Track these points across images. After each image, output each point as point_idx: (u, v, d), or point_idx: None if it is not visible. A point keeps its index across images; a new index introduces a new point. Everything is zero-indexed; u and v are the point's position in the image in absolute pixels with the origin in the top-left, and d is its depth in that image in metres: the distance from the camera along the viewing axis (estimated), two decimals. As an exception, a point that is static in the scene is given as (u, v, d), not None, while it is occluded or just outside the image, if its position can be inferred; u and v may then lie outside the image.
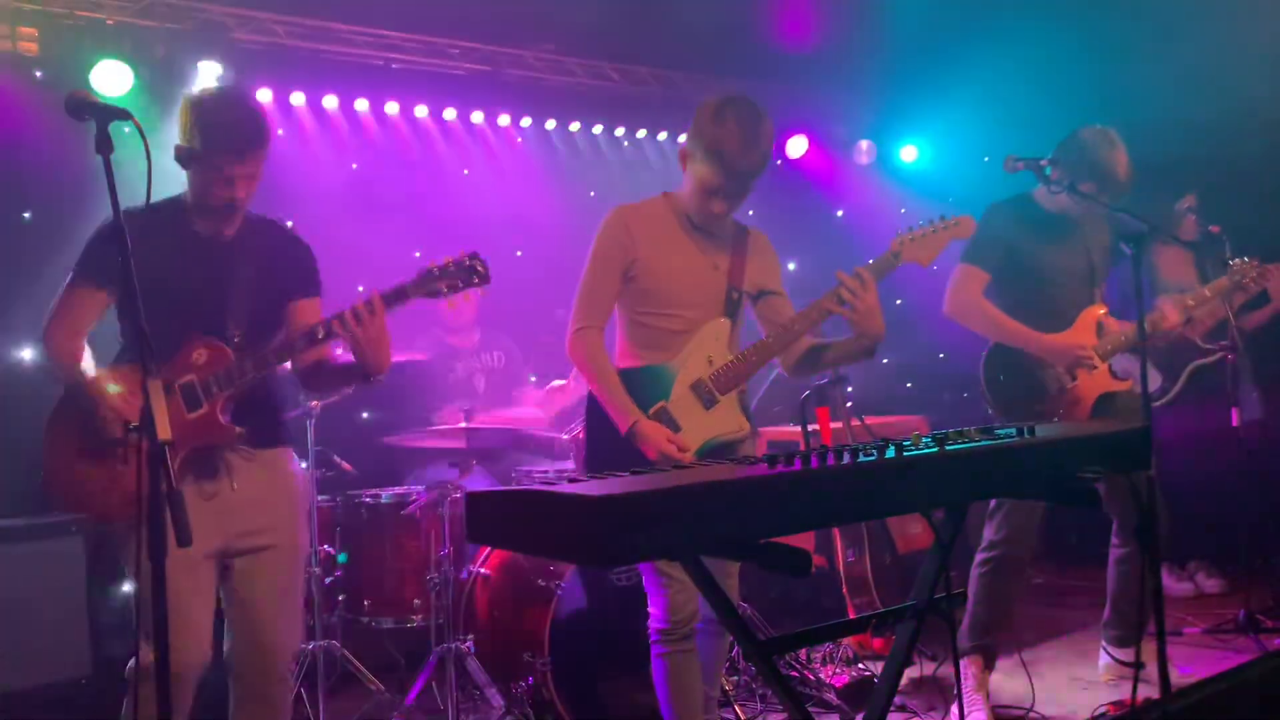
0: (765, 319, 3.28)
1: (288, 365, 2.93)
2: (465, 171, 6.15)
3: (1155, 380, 4.30)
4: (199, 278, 2.79)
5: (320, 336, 2.78)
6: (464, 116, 6.06)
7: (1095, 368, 3.84)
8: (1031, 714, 3.82)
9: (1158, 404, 4.50)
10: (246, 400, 2.81)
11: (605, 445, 3.08)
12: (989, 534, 3.90)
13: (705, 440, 3.07)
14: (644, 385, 3.08)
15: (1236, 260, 4.18)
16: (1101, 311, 3.96)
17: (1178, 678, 3.89)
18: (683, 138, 3.34)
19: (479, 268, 2.88)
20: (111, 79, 4.74)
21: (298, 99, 5.55)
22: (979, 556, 3.92)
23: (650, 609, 3.03)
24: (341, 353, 3.00)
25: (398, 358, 4.48)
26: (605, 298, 3.12)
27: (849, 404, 4.74)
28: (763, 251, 3.29)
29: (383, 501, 4.36)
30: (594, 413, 3.16)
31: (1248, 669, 2.60)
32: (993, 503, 3.91)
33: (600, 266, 3.12)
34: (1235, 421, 4.61)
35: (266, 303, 2.89)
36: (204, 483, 2.77)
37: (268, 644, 2.84)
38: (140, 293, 2.54)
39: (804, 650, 4.36)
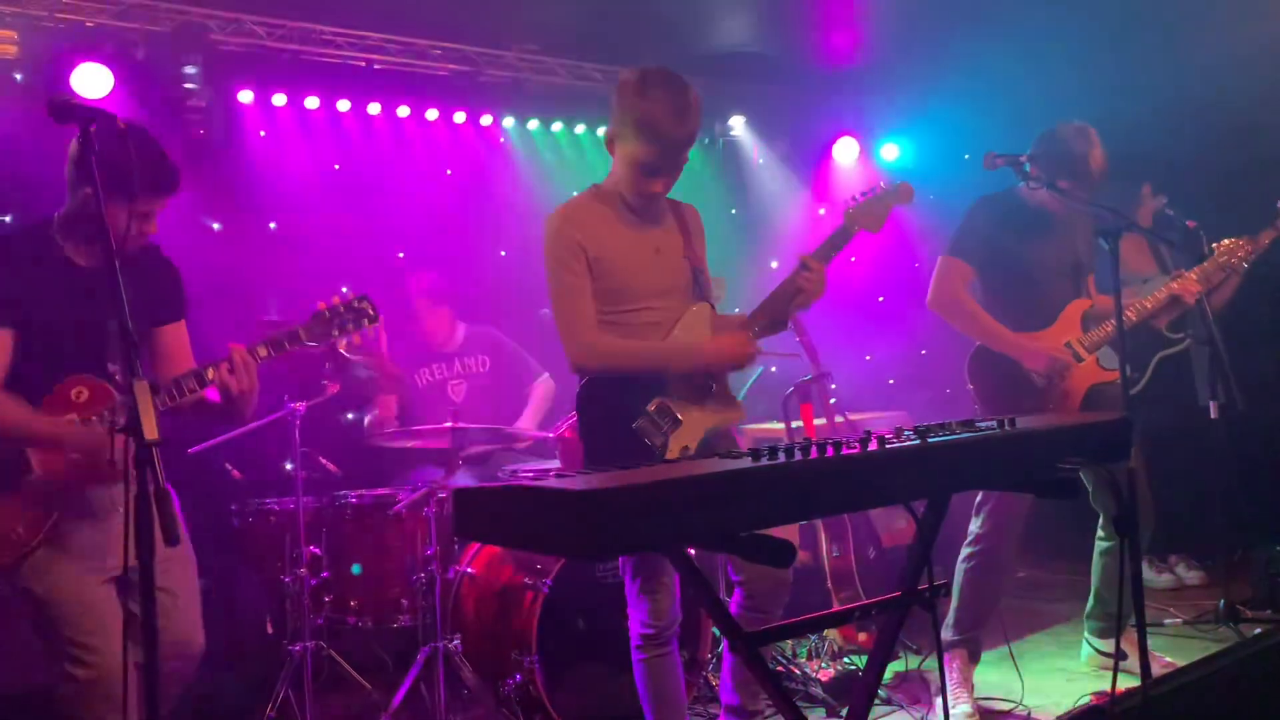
0: None
1: None
2: (448, 172, 6.15)
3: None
4: (78, 313, 2.73)
5: (210, 379, 2.76)
6: (446, 117, 6.06)
7: (1072, 365, 3.86)
8: (1018, 707, 3.86)
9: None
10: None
11: (603, 439, 3.04)
12: (975, 528, 3.93)
13: (707, 429, 3.04)
14: (635, 380, 3.00)
15: (1225, 240, 4.19)
16: (1088, 305, 3.98)
17: (1159, 667, 3.95)
18: (602, 130, 3.21)
19: (369, 310, 2.94)
20: (91, 81, 4.73)
21: (279, 100, 5.55)
22: (965, 551, 3.95)
23: (634, 614, 3.04)
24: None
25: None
26: (588, 302, 2.99)
27: (832, 400, 4.77)
28: (699, 228, 3.25)
29: (368, 502, 4.36)
30: (586, 409, 3.09)
31: (1224, 656, 2.65)
32: (979, 496, 3.94)
33: (568, 275, 2.98)
34: (1214, 414, 4.65)
35: (139, 334, 2.80)
36: (96, 502, 2.76)
37: (193, 638, 2.93)
38: (15, 324, 2.64)
39: (790, 645, 4.39)
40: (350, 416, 5.31)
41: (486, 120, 6.18)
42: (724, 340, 2.99)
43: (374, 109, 5.83)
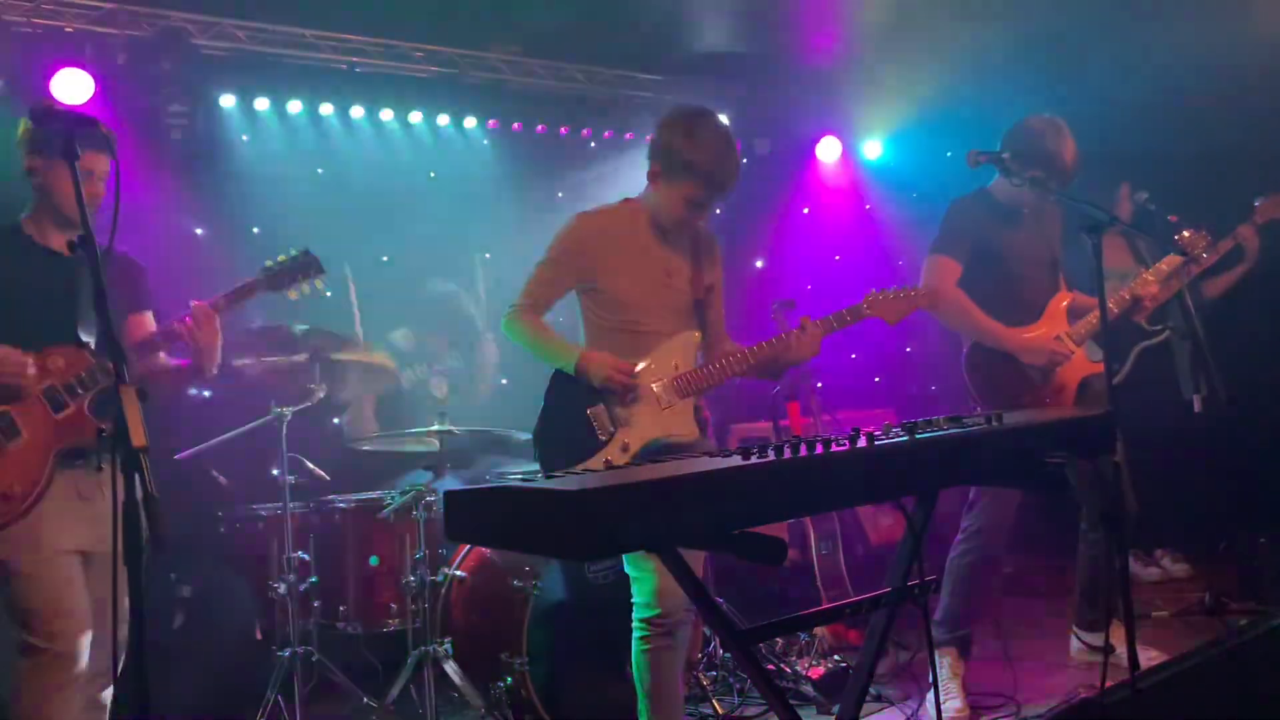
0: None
1: None
2: (431, 174, 6.13)
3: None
4: (52, 291, 2.96)
5: (176, 331, 3.02)
6: (429, 119, 6.05)
7: (1072, 355, 3.90)
8: (1011, 702, 3.87)
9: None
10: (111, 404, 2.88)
11: (558, 413, 3.20)
12: (967, 525, 3.94)
13: (653, 438, 3.14)
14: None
15: (1186, 232, 4.23)
16: (1069, 299, 4.02)
17: (1147, 660, 3.97)
18: (628, 136, 3.38)
19: (313, 261, 3.24)
20: (72, 87, 4.69)
21: (262, 104, 5.52)
22: (957, 548, 3.96)
23: (637, 597, 3.04)
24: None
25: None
26: (551, 294, 3.27)
27: (818, 398, 4.78)
28: (715, 257, 3.41)
29: (356, 507, 4.34)
30: (557, 379, 3.24)
31: (1211, 648, 2.66)
32: (972, 494, 3.96)
33: (554, 268, 3.26)
34: (1197, 407, 4.68)
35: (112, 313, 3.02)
36: (81, 483, 2.96)
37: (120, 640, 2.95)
38: None
39: (780, 643, 4.40)
40: (337, 421, 5.29)
41: (469, 122, 6.16)
42: (606, 358, 3.12)
43: (357, 112, 5.81)
